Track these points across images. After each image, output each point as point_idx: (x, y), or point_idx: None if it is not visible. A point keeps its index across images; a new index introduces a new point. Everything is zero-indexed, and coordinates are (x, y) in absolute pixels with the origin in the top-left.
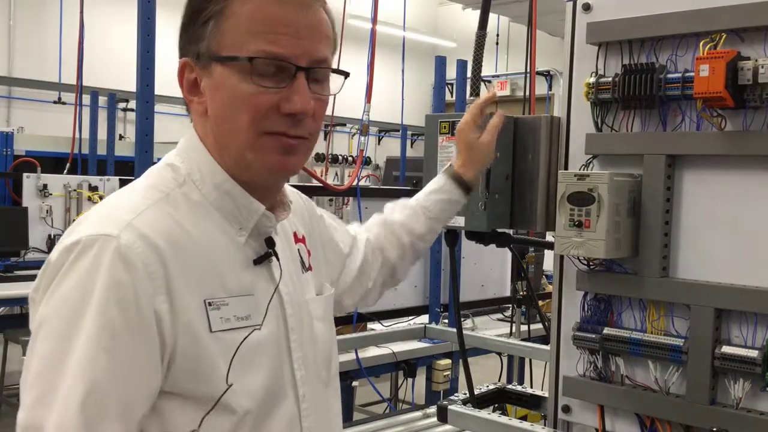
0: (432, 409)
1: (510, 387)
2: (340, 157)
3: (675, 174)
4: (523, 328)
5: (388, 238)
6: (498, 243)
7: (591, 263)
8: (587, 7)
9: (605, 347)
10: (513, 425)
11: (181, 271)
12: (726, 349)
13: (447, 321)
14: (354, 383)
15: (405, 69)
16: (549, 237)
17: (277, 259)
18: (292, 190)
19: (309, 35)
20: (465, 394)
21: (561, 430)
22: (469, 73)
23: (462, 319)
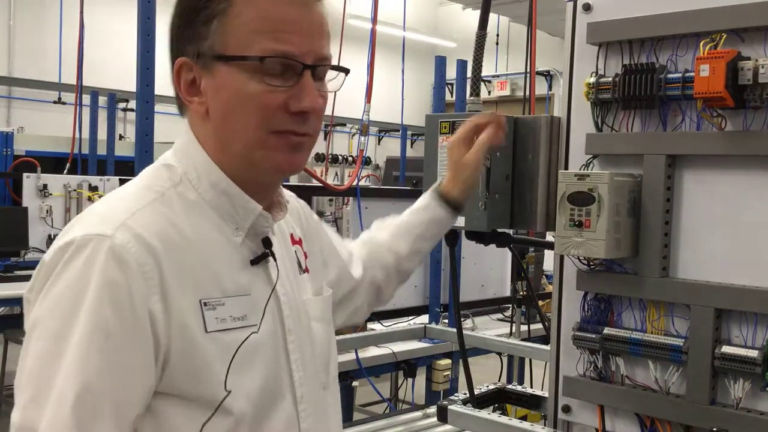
0: (432, 409)
1: (510, 387)
2: (340, 157)
3: (675, 174)
4: (523, 328)
5: (372, 258)
6: (498, 243)
7: (591, 263)
8: (587, 7)
9: (605, 347)
10: (513, 425)
11: (176, 271)
12: (726, 349)
13: (447, 321)
14: (354, 383)
15: (405, 69)
16: (549, 237)
17: (274, 260)
18: (288, 193)
19: (313, 33)
20: (465, 394)
21: (561, 430)
22: (469, 73)
23: (462, 319)
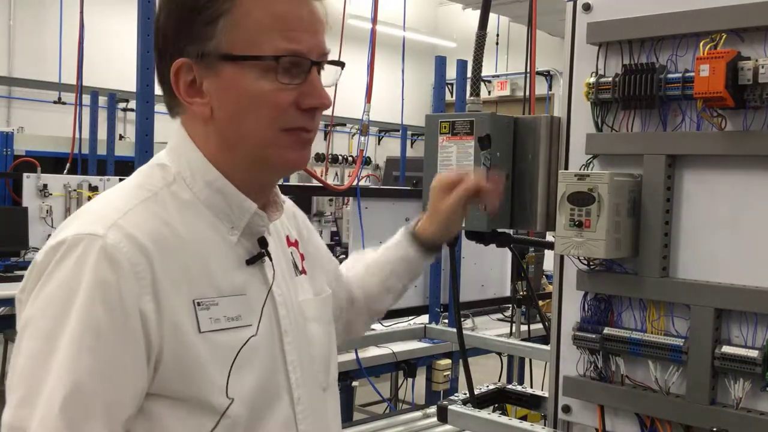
0: (432, 409)
1: (510, 387)
2: (340, 157)
3: (675, 174)
4: (523, 328)
5: (341, 293)
6: (498, 243)
7: (591, 263)
8: (587, 7)
9: (605, 347)
10: (513, 425)
11: (169, 271)
12: (726, 349)
13: (447, 321)
14: (354, 383)
15: (405, 69)
16: (549, 237)
17: (270, 260)
18: (284, 197)
19: (316, 29)
20: (465, 394)
21: (561, 430)
22: (469, 73)
23: (462, 319)
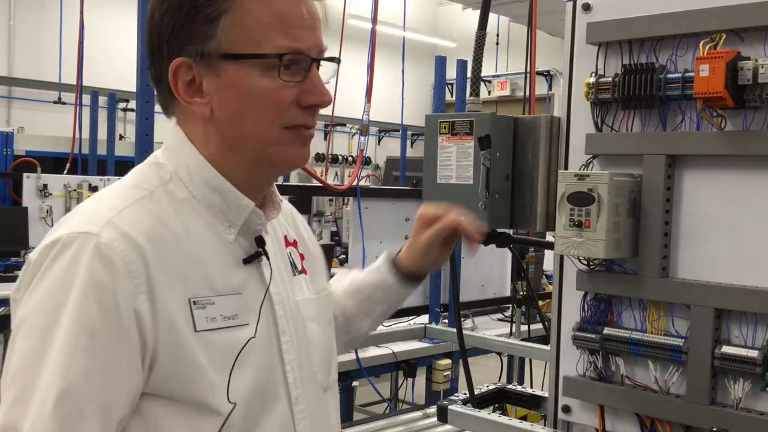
0: (432, 409)
1: (510, 387)
2: (340, 157)
3: (675, 174)
4: (523, 328)
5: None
6: (498, 243)
7: (591, 263)
8: (587, 7)
9: (605, 347)
10: (513, 425)
11: (164, 270)
12: (726, 349)
13: (447, 321)
14: (354, 383)
15: (405, 69)
16: (549, 237)
17: (268, 259)
18: (283, 198)
19: (315, 26)
20: (465, 394)
21: (561, 430)
22: (469, 73)
23: (462, 319)
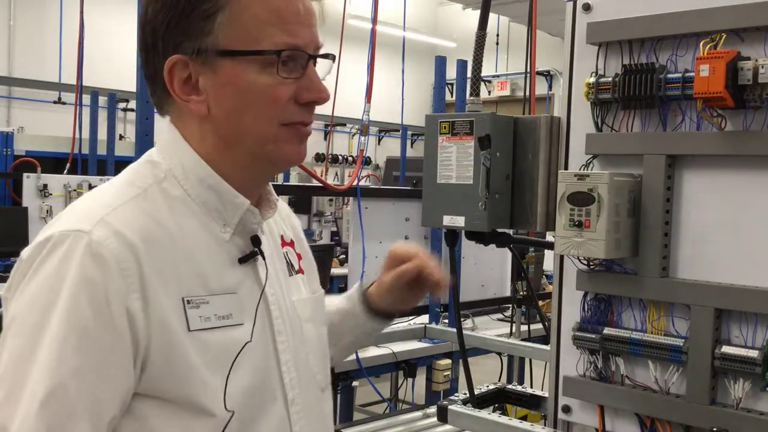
0: (432, 409)
1: (510, 387)
2: (340, 157)
3: (675, 174)
4: (523, 328)
5: None
6: (498, 243)
7: (591, 263)
8: (587, 7)
9: (605, 347)
10: (513, 425)
11: (157, 269)
12: (726, 349)
13: (447, 321)
14: (354, 383)
15: (405, 69)
16: (549, 237)
17: (263, 259)
18: (279, 198)
19: (312, 23)
20: (465, 394)
21: (561, 430)
22: (469, 73)
23: (462, 319)
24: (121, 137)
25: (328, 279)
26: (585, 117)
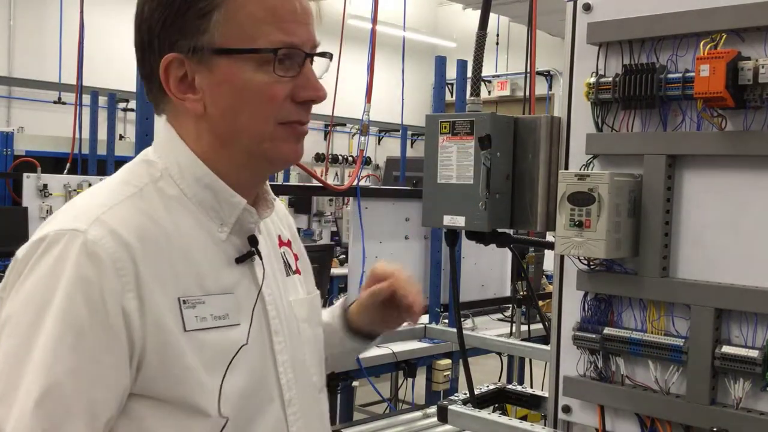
0: (432, 409)
1: (510, 387)
2: (340, 157)
3: (675, 174)
4: (523, 328)
5: None
6: (498, 243)
7: (591, 263)
8: (587, 7)
9: (605, 347)
10: (513, 425)
11: (153, 268)
12: (726, 349)
13: (447, 321)
14: (354, 383)
15: (405, 69)
16: (549, 237)
17: (260, 259)
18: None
19: (308, 21)
20: (465, 394)
21: (561, 430)
22: (470, 73)
23: (462, 319)
24: (121, 137)
25: (328, 279)
26: (585, 117)
